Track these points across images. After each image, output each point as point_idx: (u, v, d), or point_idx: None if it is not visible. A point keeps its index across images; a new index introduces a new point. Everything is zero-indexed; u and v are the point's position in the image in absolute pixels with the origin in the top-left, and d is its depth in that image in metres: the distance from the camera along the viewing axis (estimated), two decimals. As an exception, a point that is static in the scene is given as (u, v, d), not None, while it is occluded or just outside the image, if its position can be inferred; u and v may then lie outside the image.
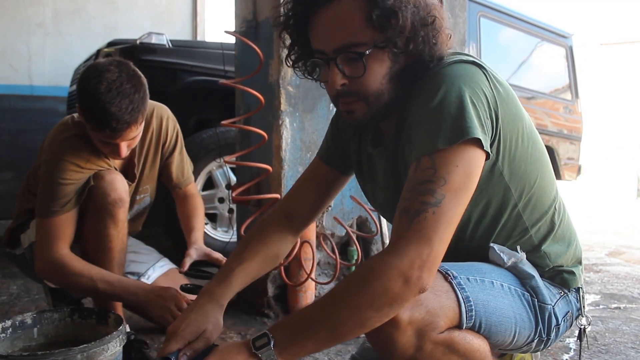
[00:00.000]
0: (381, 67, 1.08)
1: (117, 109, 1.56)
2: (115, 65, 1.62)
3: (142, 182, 1.96)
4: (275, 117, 2.21)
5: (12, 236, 1.93)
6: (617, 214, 7.10)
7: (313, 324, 1.02)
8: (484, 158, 1.04)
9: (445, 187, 0.98)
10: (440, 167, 1.00)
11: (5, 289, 2.82)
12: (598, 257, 4.11)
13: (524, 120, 1.17)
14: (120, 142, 1.66)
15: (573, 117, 5.23)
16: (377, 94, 1.09)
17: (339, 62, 1.07)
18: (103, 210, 1.71)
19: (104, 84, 1.56)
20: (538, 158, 1.21)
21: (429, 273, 0.97)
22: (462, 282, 1.09)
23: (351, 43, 1.05)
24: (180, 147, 2.04)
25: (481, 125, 1.02)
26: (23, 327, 1.41)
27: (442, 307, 1.05)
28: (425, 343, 1.03)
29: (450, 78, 1.05)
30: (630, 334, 2.25)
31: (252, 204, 2.32)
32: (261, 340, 1.02)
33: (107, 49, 3.47)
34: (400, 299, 0.97)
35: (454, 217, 1.00)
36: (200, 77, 3.28)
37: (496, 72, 1.14)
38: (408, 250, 0.96)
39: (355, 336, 1.03)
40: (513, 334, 1.16)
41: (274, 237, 1.36)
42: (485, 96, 1.06)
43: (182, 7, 6.62)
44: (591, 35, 12.08)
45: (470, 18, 4.08)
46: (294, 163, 2.24)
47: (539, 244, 1.22)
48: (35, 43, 5.57)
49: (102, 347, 1.23)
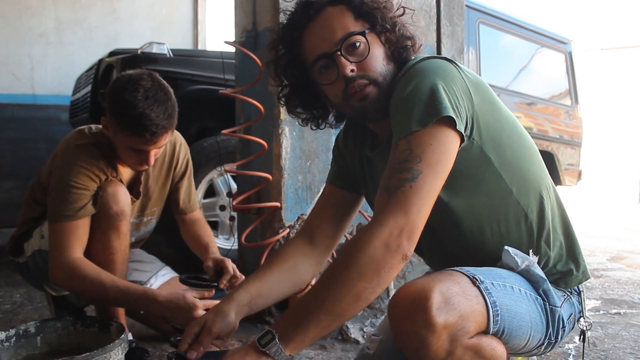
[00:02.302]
0: (379, 49, 1.21)
1: (156, 115, 1.62)
2: (147, 75, 1.68)
3: (151, 204, 1.98)
4: (275, 126, 2.23)
5: (15, 244, 1.95)
6: (619, 219, 7.09)
7: (312, 309, 1.05)
8: (459, 138, 1.12)
9: (421, 164, 1.07)
10: (416, 146, 1.08)
11: (8, 298, 2.84)
12: (599, 262, 4.11)
13: (502, 110, 1.25)
14: (152, 150, 1.70)
15: (573, 123, 5.24)
16: (383, 74, 1.20)
17: (343, 52, 1.18)
18: (105, 223, 1.72)
19: (140, 91, 1.62)
20: (524, 145, 1.26)
21: (409, 241, 1.04)
22: (488, 287, 1.11)
23: (350, 32, 1.19)
24: (190, 173, 2.07)
25: (453, 108, 1.10)
26: (26, 336, 1.43)
27: (474, 312, 1.07)
28: (457, 348, 1.05)
29: (422, 71, 1.15)
30: (629, 339, 2.25)
31: (252, 212, 2.34)
32: (266, 337, 1.05)
33: (108, 58, 3.50)
34: (386, 266, 1.03)
35: (431, 190, 1.07)
36: (201, 85, 3.30)
37: (465, 66, 1.24)
38: (387, 221, 1.04)
39: (354, 313, 1.06)
40: (528, 338, 1.19)
41: (290, 253, 1.37)
42: (457, 85, 1.14)
43: (183, 16, 6.67)
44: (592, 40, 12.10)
45: (469, 25, 4.11)
46: (294, 171, 2.26)
47: (539, 234, 1.24)
48: (38, 53, 5.61)
49: (104, 356, 1.25)
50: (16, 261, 1.97)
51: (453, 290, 1.05)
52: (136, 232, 2.00)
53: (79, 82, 4.13)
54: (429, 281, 1.05)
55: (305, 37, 1.22)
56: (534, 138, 4.84)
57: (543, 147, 4.68)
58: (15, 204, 2.00)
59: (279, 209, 2.24)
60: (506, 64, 4.85)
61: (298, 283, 1.38)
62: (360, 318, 2.26)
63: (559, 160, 4.93)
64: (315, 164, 2.30)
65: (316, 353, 2.03)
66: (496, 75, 4.56)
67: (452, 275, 1.10)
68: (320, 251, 1.40)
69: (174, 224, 2.14)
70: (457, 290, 1.06)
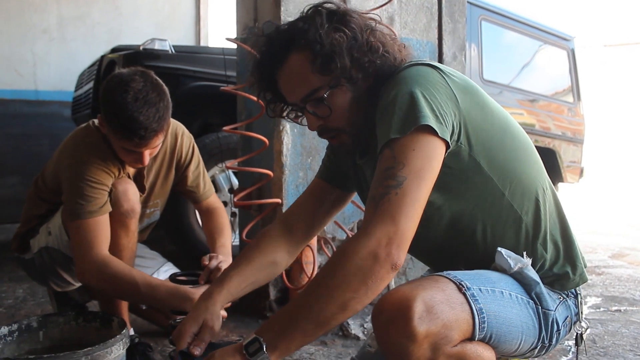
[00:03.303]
0: (344, 100, 1.21)
1: (145, 117, 1.58)
2: (139, 74, 1.64)
3: (154, 196, 1.98)
4: (276, 123, 2.23)
5: (21, 241, 1.95)
6: (621, 216, 7.09)
7: (297, 316, 1.05)
8: (443, 145, 1.10)
9: (405, 170, 1.05)
10: (399, 153, 1.07)
11: (11, 293, 2.85)
12: (601, 259, 4.11)
13: (494, 112, 1.23)
14: (145, 151, 1.67)
15: (575, 120, 5.23)
16: (351, 123, 1.22)
17: (309, 109, 1.22)
18: (115, 220, 1.71)
19: (130, 93, 1.58)
20: (518, 147, 1.25)
21: (398, 250, 1.02)
22: (475, 293, 1.10)
23: (310, 91, 1.20)
24: (197, 160, 2.03)
25: (435, 116, 1.09)
26: (29, 330, 1.44)
27: (457, 320, 1.05)
28: (439, 356, 1.04)
29: (403, 80, 1.14)
30: (629, 337, 2.26)
31: (253, 208, 2.35)
32: (253, 345, 1.05)
33: (110, 55, 3.50)
34: (374, 276, 1.01)
35: (418, 196, 1.05)
36: (202, 82, 3.31)
37: (453, 70, 1.22)
38: (375, 230, 1.02)
39: (340, 321, 1.06)
40: (519, 342, 1.18)
41: (270, 246, 1.40)
42: (440, 91, 1.13)
43: (185, 13, 6.67)
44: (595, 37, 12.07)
45: (471, 21, 4.10)
46: (295, 168, 2.27)
47: (535, 236, 1.24)
48: (40, 49, 5.62)
49: (105, 350, 1.26)
50: (22, 258, 1.97)
51: (437, 298, 1.04)
52: (139, 223, 2.01)
53: (81, 78, 4.14)
54: (412, 289, 1.04)
55: (279, 78, 1.25)
56: (536, 135, 4.79)
57: (545, 144, 4.67)
58: (18, 200, 2.00)
59: (280, 206, 2.25)
60: (508, 61, 4.84)
61: (275, 274, 1.44)
62: (361, 314, 2.27)
63: (561, 157, 4.92)
64: (316, 160, 2.31)
65: (317, 349, 2.04)
66: (498, 72, 4.55)
67: (437, 282, 1.09)
68: (297, 242, 1.44)
69: (176, 220, 2.15)
70: (440, 298, 1.05)
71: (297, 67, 1.20)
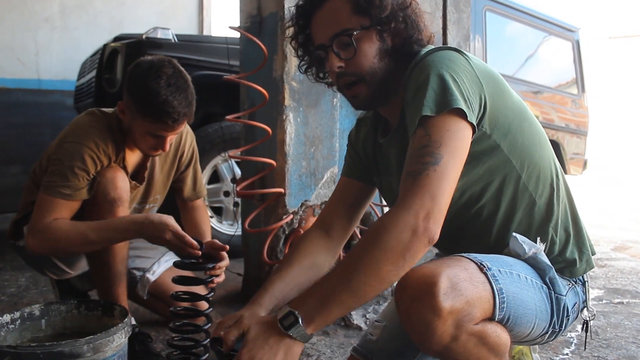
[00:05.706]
0: (370, 47, 1.22)
1: (178, 102, 1.67)
2: (168, 61, 1.72)
3: (154, 191, 1.99)
4: (279, 112, 2.22)
5: (15, 228, 1.95)
6: (624, 209, 7.07)
7: (336, 290, 1.05)
8: (470, 130, 1.12)
9: (442, 148, 1.07)
10: (433, 132, 1.09)
11: (14, 281, 2.86)
12: (603, 252, 4.11)
13: (513, 97, 1.25)
14: (169, 136, 1.74)
15: (579, 112, 5.21)
16: (371, 72, 1.23)
17: (335, 48, 1.22)
18: (102, 208, 1.72)
19: (163, 78, 1.66)
20: (535, 132, 1.27)
21: (435, 224, 1.03)
22: (495, 274, 1.12)
23: (342, 30, 1.21)
24: (195, 162, 2.09)
25: (464, 99, 1.11)
26: (31, 318, 1.44)
27: (480, 299, 1.07)
28: (462, 333, 1.05)
29: (433, 63, 1.16)
30: (632, 328, 2.26)
31: (256, 198, 2.35)
32: (288, 319, 1.05)
33: (113, 43, 3.49)
34: (412, 250, 1.03)
35: (452, 174, 1.07)
36: (205, 71, 3.29)
37: (473, 56, 1.24)
38: (414, 204, 1.03)
39: (377, 294, 1.06)
40: (532, 326, 1.19)
41: (309, 248, 1.40)
42: (467, 75, 1.15)
43: (188, 1, 6.63)
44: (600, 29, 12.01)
45: (476, 12, 4.08)
46: (298, 158, 2.26)
47: (547, 220, 1.26)
48: (43, 38, 5.60)
49: (107, 339, 1.26)
50: (16, 245, 1.97)
51: (460, 276, 1.06)
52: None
53: (83, 67, 4.13)
54: (437, 266, 1.06)
55: (313, 22, 1.27)
56: (540, 126, 4.74)
57: (549, 135, 4.63)
58: (20, 189, 1.99)
59: (283, 195, 2.24)
60: (513, 52, 4.82)
61: (318, 276, 1.41)
62: (363, 304, 2.26)
63: (565, 149, 4.91)
64: (319, 150, 2.30)
65: (319, 339, 2.04)
66: (503, 63, 4.53)
67: (460, 261, 1.11)
68: (336, 242, 1.44)
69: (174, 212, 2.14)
70: (464, 276, 1.07)
71: (337, 7, 1.22)
